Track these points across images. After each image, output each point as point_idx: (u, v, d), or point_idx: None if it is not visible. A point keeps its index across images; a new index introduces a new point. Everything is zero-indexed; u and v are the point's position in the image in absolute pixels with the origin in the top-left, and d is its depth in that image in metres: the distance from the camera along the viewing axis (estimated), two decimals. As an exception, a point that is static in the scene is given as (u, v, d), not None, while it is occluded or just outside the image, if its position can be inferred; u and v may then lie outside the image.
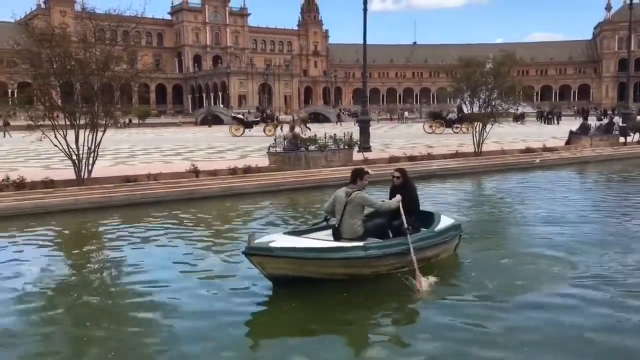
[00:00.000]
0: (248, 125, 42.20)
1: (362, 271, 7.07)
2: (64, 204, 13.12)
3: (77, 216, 12.57)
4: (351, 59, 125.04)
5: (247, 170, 17.32)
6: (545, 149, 24.59)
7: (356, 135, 21.74)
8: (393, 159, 20.29)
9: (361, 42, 24.48)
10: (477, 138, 22.20)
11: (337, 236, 7.45)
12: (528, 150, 23.98)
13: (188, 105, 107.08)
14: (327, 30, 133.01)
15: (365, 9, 23.71)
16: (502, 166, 21.21)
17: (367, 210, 7.79)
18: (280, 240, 6.83)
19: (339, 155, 19.36)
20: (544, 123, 59.06)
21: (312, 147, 18.96)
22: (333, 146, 19.31)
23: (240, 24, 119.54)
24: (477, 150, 22.27)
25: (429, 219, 8.16)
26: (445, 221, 8.13)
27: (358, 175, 7.73)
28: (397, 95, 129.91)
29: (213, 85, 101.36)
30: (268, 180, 16.80)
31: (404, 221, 7.37)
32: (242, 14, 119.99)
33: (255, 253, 6.44)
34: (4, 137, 43.26)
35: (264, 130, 38.36)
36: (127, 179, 15.37)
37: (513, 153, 23.66)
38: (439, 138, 34.54)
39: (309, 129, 38.69)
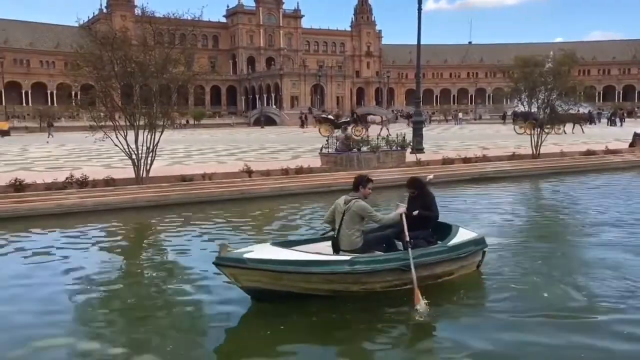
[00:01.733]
0: (337, 126, 41.02)
1: (350, 288, 6.42)
2: (123, 202, 13.58)
3: (135, 213, 12.99)
4: (404, 60, 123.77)
5: (299, 171, 17.42)
6: (608, 152, 23.59)
7: (409, 137, 21.51)
8: (447, 161, 19.97)
9: (414, 42, 24.19)
10: (535, 140, 21.56)
11: (336, 248, 6.93)
12: (589, 153, 23.07)
13: (242, 106, 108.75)
14: (380, 31, 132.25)
15: (419, 9, 23.45)
16: (560, 169, 20.50)
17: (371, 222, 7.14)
18: (260, 251, 6.43)
19: (392, 157, 19.21)
20: (608, 125, 56.76)
21: (364, 149, 18.90)
22: (385, 147, 19.18)
23: (293, 25, 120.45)
24: (534, 152, 21.62)
25: (445, 231, 7.46)
26: (463, 235, 7.36)
27: (360, 183, 7.12)
28: (451, 96, 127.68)
29: (266, 86, 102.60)
30: (319, 181, 16.84)
31: (406, 233, 6.71)
32: (296, 15, 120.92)
33: (227, 264, 6.04)
34: (48, 137, 45.23)
35: (352, 131, 35.76)
36: (183, 178, 15.74)
37: (573, 155, 22.83)
38: (495, 139, 33.76)
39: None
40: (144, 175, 15.24)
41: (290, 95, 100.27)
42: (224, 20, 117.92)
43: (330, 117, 45.55)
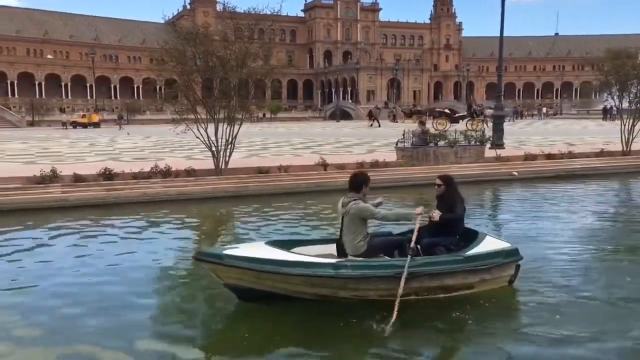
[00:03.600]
0: (454, 120, 39.82)
1: (338, 293, 5.96)
2: (203, 192, 14.05)
3: (214, 203, 13.40)
4: (485, 52, 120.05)
5: (375, 164, 17.30)
6: None
7: (489, 132, 20.86)
8: (529, 157, 19.18)
9: (496, 34, 23.39)
10: (626, 136, 20.29)
11: (341, 252, 6.45)
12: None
13: (317, 100, 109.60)
14: (460, 23, 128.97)
15: (503, 0, 22.65)
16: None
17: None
18: (247, 248, 6.21)
19: (470, 152, 18.68)
20: None
21: (441, 143, 18.50)
22: (463, 142, 18.69)
23: (371, 19, 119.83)
24: (625, 149, 20.35)
25: (471, 239, 6.65)
26: (488, 244, 6.52)
27: (363, 182, 6.45)
28: (535, 90, 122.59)
29: (342, 80, 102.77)
30: (395, 175, 16.67)
31: (413, 239, 6.11)
32: (374, 9, 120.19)
33: (205, 259, 5.88)
34: (120, 129, 47.40)
35: (467, 125, 33.35)
36: (260, 170, 16.05)
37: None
38: (582, 135, 32.10)
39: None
40: (223, 166, 15.67)
41: (367, 89, 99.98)
42: (301, 14, 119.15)
43: (447, 111, 44.46)
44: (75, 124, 56.71)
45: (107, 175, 14.41)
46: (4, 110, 61.89)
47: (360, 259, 6.17)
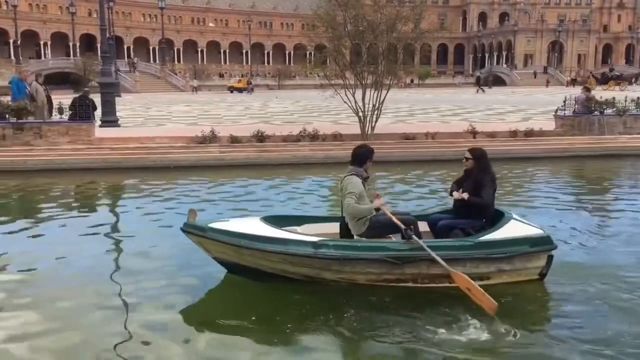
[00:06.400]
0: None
1: (322, 275, 5.46)
2: (348, 156, 14.17)
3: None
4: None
5: (529, 133, 16.22)
6: None
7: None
8: None
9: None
10: None
11: (344, 231, 5.91)
12: None
13: (469, 65, 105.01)
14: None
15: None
16: None
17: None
18: (234, 222, 5.92)
19: (642, 122, 16.76)
20: None
21: (608, 111, 16.78)
22: (635, 111, 16.76)
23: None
24: None
25: (496, 221, 5.75)
26: (513, 229, 5.59)
27: (367, 156, 5.95)
28: None
29: (497, 44, 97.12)
30: (551, 145, 15.53)
31: (398, 223, 5.42)
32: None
33: (190, 231, 5.66)
34: (193, 92, 52.22)
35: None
36: (406, 137, 15.84)
37: None
38: None
39: None
40: (369, 132, 15.70)
41: (524, 53, 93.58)
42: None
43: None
44: (231, 89, 60.35)
45: (260, 138, 15.16)
46: (171, 75, 67.58)
47: (345, 239, 5.69)
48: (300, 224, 6.16)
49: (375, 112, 15.62)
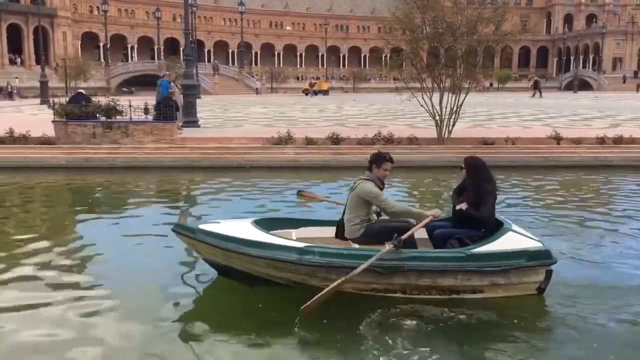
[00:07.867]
0: None
1: (308, 281, 5.30)
2: (424, 160, 13.99)
3: (432, 172, 13.28)
4: None
5: (618, 140, 15.35)
6: None
7: None
8: None
9: None
10: None
11: (340, 235, 5.87)
12: None
13: (552, 69, 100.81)
14: None
15: None
16: None
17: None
18: (226, 224, 5.80)
19: None
20: None
21: None
22: None
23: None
24: None
25: (493, 232, 5.48)
26: (509, 241, 5.31)
27: (374, 161, 5.90)
28: None
29: (583, 47, 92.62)
30: (642, 153, 14.61)
31: (408, 233, 5.28)
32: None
33: (180, 232, 5.62)
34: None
35: None
36: (485, 141, 15.40)
37: None
38: None
39: None
40: (446, 135, 15.39)
41: (612, 56, 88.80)
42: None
43: None
44: (307, 92, 61.04)
45: (335, 140, 15.21)
46: (248, 77, 69.18)
47: (332, 247, 5.48)
48: (296, 227, 6.14)
49: (453, 116, 15.29)
